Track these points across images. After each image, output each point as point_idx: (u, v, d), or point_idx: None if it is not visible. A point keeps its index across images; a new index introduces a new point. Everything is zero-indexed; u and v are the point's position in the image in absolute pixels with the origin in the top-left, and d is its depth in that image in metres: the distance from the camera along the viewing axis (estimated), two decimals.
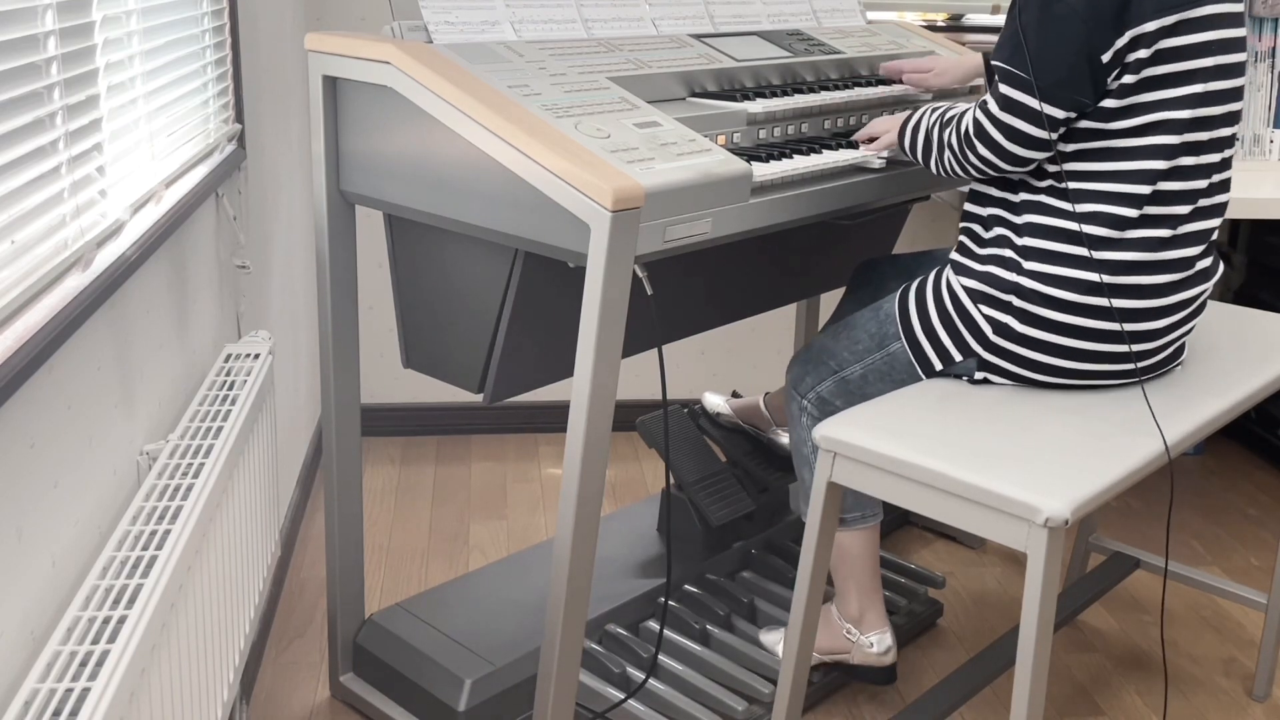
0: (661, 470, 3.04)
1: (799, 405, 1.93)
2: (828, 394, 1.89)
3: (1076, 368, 1.70)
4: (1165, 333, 1.72)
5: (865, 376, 1.85)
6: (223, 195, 2.01)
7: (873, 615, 1.98)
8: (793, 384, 1.94)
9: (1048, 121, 1.61)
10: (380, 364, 3.16)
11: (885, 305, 1.85)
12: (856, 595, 1.98)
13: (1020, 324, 1.69)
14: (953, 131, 1.72)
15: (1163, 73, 1.61)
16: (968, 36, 3.13)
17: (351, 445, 1.97)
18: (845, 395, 1.88)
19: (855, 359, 1.85)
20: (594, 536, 1.62)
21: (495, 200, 1.59)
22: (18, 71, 1.17)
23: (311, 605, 2.38)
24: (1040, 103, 1.61)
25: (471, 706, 1.89)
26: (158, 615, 1.24)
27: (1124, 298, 1.66)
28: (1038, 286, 1.67)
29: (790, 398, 1.95)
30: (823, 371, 1.89)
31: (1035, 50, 1.60)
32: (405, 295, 1.91)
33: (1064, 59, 1.59)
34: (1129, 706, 2.16)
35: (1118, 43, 1.58)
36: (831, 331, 1.92)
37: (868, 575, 1.97)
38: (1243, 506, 2.94)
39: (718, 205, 1.59)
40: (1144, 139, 1.62)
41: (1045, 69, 1.60)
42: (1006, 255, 1.70)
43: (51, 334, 1.18)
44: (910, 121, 1.81)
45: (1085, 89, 1.60)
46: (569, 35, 1.88)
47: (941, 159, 1.75)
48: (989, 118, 1.66)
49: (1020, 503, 1.44)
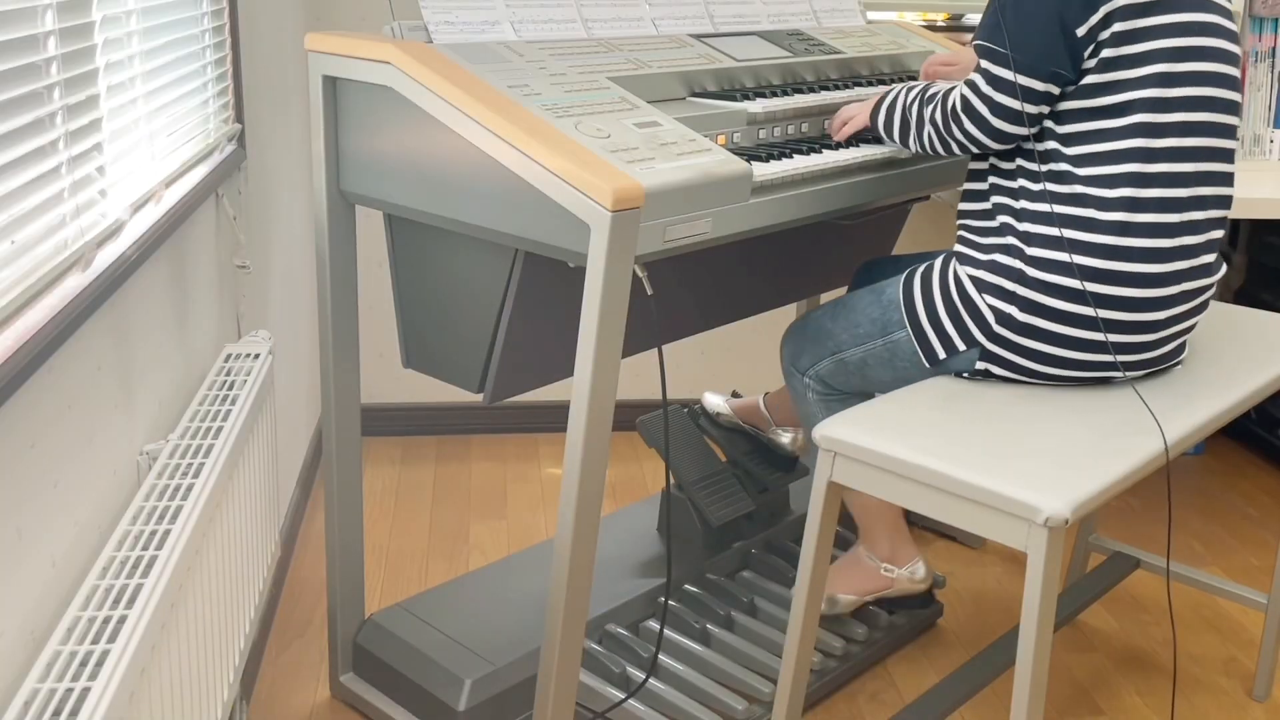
0: (661, 470, 3.04)
1: (801, 382, 1.99)
2: (826, 373, 1.94)
3: (1076, 357, 1.71)
4: (1167, 324, 1.72)
5: (865, 360, 1.88)
6: (223, 195, 2.01)
7: (904, 549, 2.11)
8: (790, 359, 1.99)
9: (1023, 93, 1.65)
10: (380, 364, 3.16)
11: (888, 290, 1.86)
12: (886, 535, 2.08)
13: (1022, 313, 1.70)
14: (936, 107, 1.75)
15: (1137, 51, 1.64)
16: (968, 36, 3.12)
17: (351, 445, 1.97)
18: (844, 375, 1.92)
19: (855, 343, 1.87)
20: (594, 536, 1.62)
21: (495, 200, 1.59)
22: (18, 71, 1.17)
23: (311, 605, 2.38)
24: (1016, 74, 1.65)
25: (471, 706, 1.89)
26: (158, 615, 1.24)
27: (1122, 285, 1.67)
28: (1038, 273, 1.68)
29: (790, 374, 2.00)
30: (820, 351, 1.93)
31: (1012, 26, 1.65)
32: (405, 295, 1.91)
33: (1039, 33, 1.64)
34: (1129, 706, 2.16)
35: (1091, 19, 1.63)
36: (830, 311, 1.94)
37: (893, 515, 2.07)
38: (1243, 506, 2.94)
39: (718, 205, 1.59)
40: (1129, 117, 1.65)
41: (1022, 44, 1.65)
42: (1010, 243, 1.72)
43: (51, 334, 1.18)
44: (885, 101, 1.85)
45: (1063, 61, 1.64)
46: (569, 35, 1.88)
47: (921, 135, 1.78)
48: (975, 93, 1.70)
49: (1020, 503, 1.44)
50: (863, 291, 1.91)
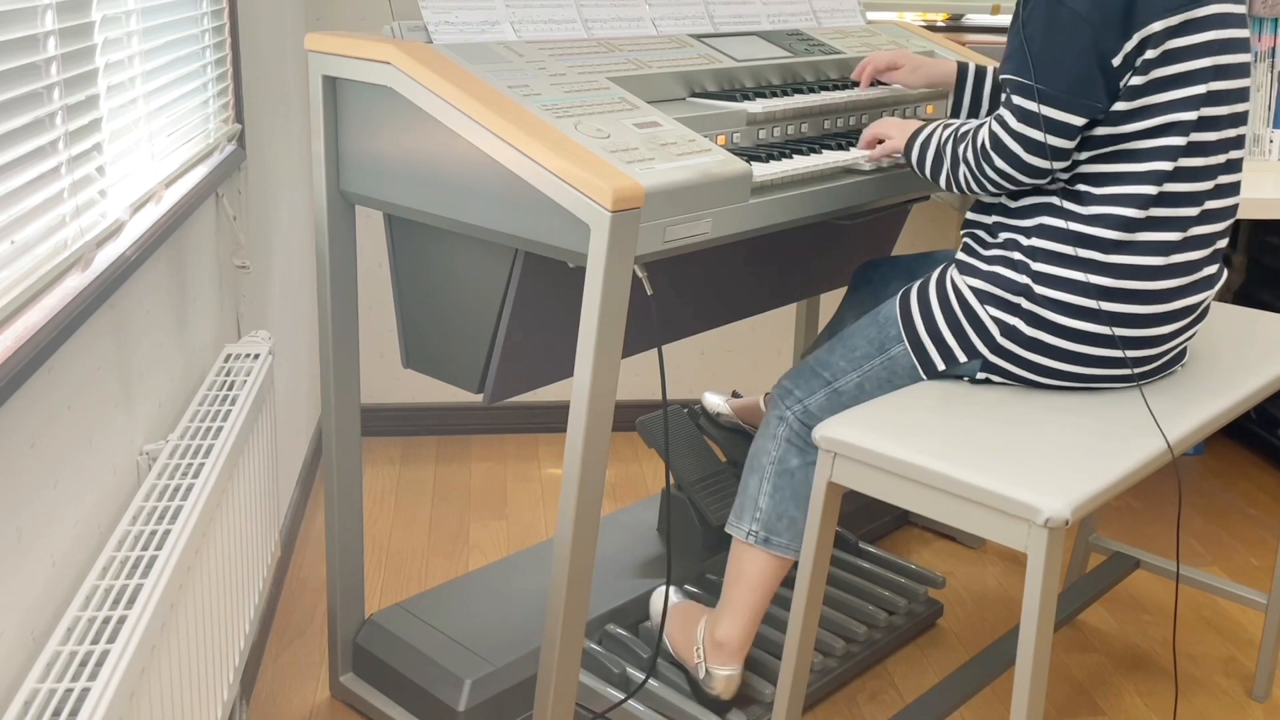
0: (661, 470, 3.04)
1: (779, 415, 1.87)
2: (815, 408, 1.84)
3: (1080, 372, 1.70)
4: (1168, 339, 1.72)
5: (861, 385, 1.81)
6: (223, 195, 2.01)
7: (738, 646, 1.90)
8: (779, 396, 1.88)
9: (1057, 128, 1.60)
10: (380, 364, 3.16)
11: (884, 310, 1.83)
12: (741, 620, 1.90)
13: (1028, 327, 1.68)
14: (968, 146, 1.70)
15: (1170, 73, 1.60)
16: (968, 36, 3.12)
17: (351, 445, 1.97)
18: (835, 410, 1.81)
19: (852, 367, 1.82)
20: (594, 536, 1.62)
21: (495, 200, 1.59)
22: (18, 71, 1.17)
23: (311, 605, 2.38)
24: (1056, 110, 1.59)
25: (471, 706, 1.89)
26: (158, 615, 1.24)
27: (1130, 303, 1.66)
28: (1045, 290, 1.66)
29: (772, 406, 1.89)
30: (815, 384, 1.84)
31: (1044, 59, 1.59)
32: (405, 295, 1.91)
33: (1074, 65, 1.58)
34: (1129, 706, 2.16)
35: (1126, 46, 1.58)
36: (827, 346, 1.88)
37: (760, 606, 1.90)
38: (1243, 506, 2.94)
39: (718, 205, 1.59)
40: (1154, 140, 1.62)
41: (1056, 77, 1.59)
42: (1014, 257, 1.69)
43: (51, 334, 1.18)
44: (920, 136, 1.79)
45: (1099, 94, 1.59)
46: (569, 35, 1.88)
47: (955, 174, 1.73)
48: (1005, 130, 1.64)
49: (1020, 503, 1.44)
50: (860, 320, 1.87)
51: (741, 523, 1.88)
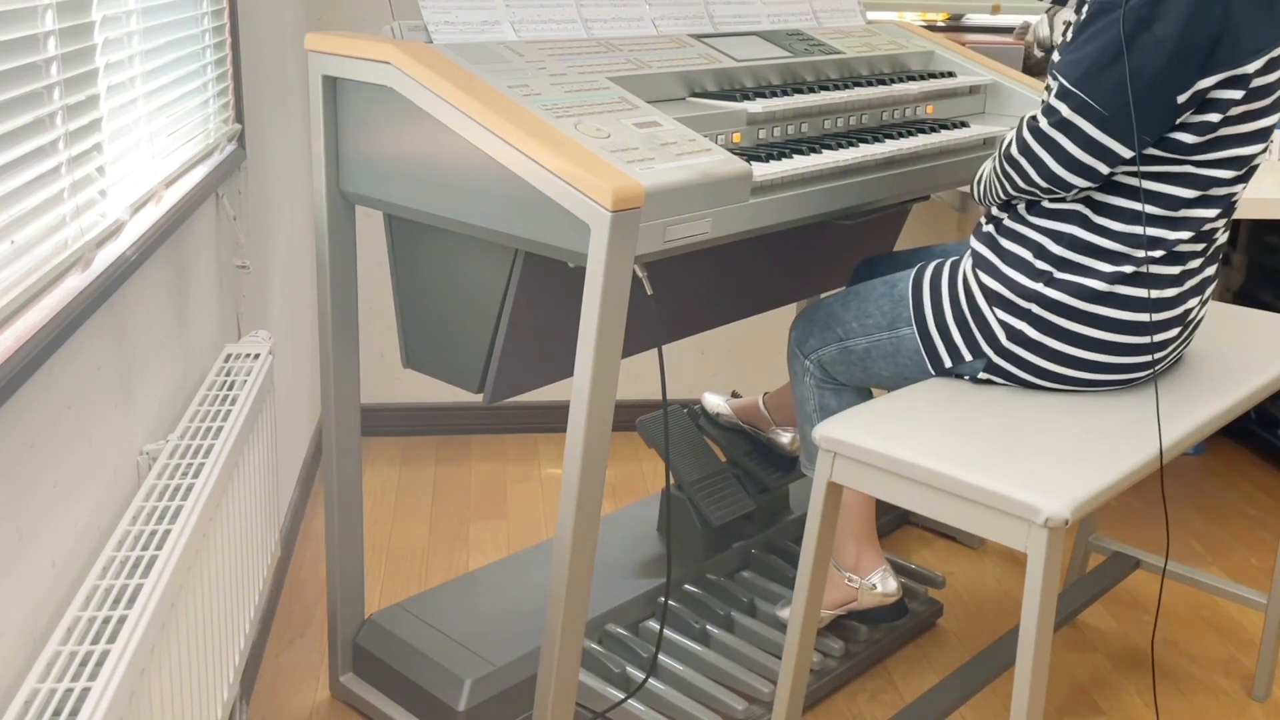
0: (661, 470, 3.04)
1: (801, 364, 1.97)
2: (829, 360, 1.92)
3: (1085, 377, 1.70)
4: (1172, 341, 1.72)
5: (869, 351, 1.86)
6: (223, 195, 2.01)
7: (869, 557, 2.02)
8: (796, 341, 1.98)
9: (1108, 155, 1.57)
10: (380, 364, 3.16)
11: (900, 284, 1.84)
12: (853, 543, 2.02)
13: (1037, 332, 1.68)
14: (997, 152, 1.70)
15: (1250, 109, 1.58)
16: (968, 36, 3.13)
17: (351, 445, 1.97)
18: (847, 364, 1.91)
19: (863, 332, 1.86)
20: (594, 536, 1.62)
21: (495, 200, 1.59)
22: (18, 71, 1.17)
23: (311, 605, 2.38)
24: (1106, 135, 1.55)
25: (471, 706, 1.89)
26: (158, 615, 1.24)
27: (1141, 311, 1.66)
28: (1063, 298, 1.65)
29: (793, 354, 1.99)
30: (828, 336, 1.92)
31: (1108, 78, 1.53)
32: (405, 295, 1.91)
33: (1137, 93, 1.52)
34: (1129, 706, 2.16)
35: (1200, 83, 1.52)
36: (843, 298, 1.92)
37: (862, 522, 2.01)
38: (1243, 506, 2.94)
39: (718, 205, 1.59)
40: (1214, 171, 1.60)
41: (1115, 100, 1.53)
42: (1038, 266, 1.67)
43: (51, 334, 1.18)
44: None
45: (1150, 128, 1.55)
46: (569, 35, 1.88)
47: (990, 185, 1.74)
48: (1034, 133, 1.61)
49: (1020, 503, 1.44)
50: (876, 282, 1.89)
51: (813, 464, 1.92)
